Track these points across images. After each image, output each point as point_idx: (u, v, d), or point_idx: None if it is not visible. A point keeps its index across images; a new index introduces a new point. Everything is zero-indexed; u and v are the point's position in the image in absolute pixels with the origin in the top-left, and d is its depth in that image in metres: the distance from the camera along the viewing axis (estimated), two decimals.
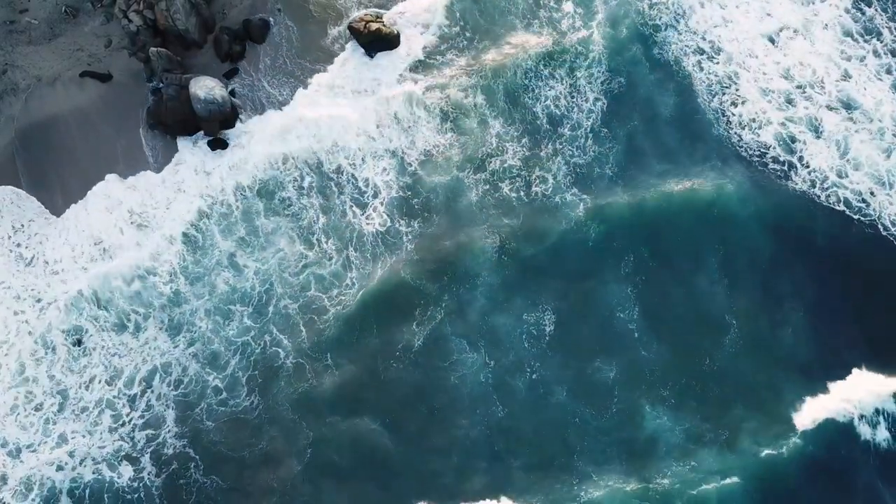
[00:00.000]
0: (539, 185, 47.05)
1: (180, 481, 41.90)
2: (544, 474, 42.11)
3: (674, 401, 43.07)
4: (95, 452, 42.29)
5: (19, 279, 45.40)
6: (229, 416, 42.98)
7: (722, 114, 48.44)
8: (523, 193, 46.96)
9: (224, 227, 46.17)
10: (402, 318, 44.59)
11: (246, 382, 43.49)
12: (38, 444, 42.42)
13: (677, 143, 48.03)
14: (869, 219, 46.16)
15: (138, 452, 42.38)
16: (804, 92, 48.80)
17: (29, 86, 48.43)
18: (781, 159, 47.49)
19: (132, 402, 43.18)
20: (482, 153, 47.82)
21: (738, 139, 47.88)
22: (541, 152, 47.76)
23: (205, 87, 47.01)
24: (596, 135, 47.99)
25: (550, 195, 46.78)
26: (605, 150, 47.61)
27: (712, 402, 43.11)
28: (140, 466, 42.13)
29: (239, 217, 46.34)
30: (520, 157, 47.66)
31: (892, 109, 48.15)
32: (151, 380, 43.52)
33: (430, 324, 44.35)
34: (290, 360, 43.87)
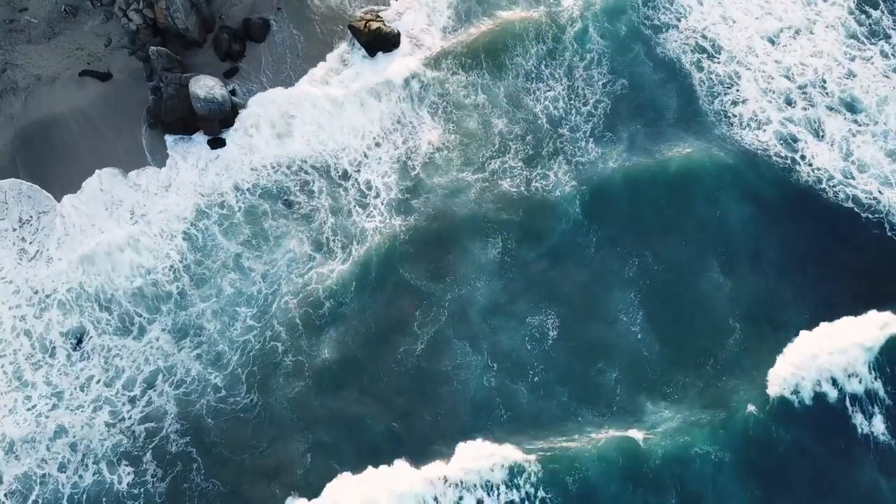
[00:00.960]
0: (539, 181, 46.97)
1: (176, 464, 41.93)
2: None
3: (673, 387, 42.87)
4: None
5: (20, 273, 45.42)
6: (229, 413, 42.91)
7: (724, 114, 48.38)
8: (524, 189, 46.87)
9: (226, 228, 46.06)
10: (402, 318, 44.39)
11: (245, 379, 43.37)
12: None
13: (675, 129, 48.03)
14: (877, 216, 45.79)
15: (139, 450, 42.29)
16: (806, 90, 48.81)
17: (28, 85, 48.38)
18: (783, 155, 47.40)
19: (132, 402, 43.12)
20: (483, 153, 47.77)
21: (739, 138, 47.81)
22: (542, 151, 47.72)
23: (204, 86, 46.99)
24: (596, 135, 47.96)
25: (551, 191, 46.64)
26: (605, 149, 47.53)
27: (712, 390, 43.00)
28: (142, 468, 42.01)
29: (241, 218, 46.28)
30: (521, 157, 47.62)
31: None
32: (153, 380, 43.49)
33: (432, 325, 44.13)
34: (289, 357, 43.62)
